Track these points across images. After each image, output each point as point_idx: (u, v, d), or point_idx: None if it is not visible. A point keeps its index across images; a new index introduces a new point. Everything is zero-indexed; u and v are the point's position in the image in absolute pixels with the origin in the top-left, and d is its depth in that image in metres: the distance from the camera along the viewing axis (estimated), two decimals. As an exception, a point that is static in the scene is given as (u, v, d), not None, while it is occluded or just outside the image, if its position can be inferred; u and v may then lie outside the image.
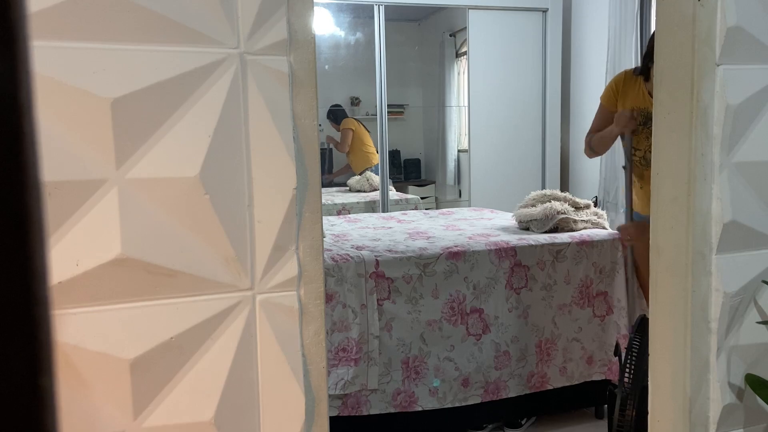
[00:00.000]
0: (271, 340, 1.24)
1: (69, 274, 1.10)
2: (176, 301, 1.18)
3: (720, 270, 1.52)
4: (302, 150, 1.25)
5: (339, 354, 2.39)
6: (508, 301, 2.60)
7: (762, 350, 1.59)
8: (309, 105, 1.25)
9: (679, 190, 1.52)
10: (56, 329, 1.07)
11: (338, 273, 2.39)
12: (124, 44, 1.11)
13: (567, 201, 2.99)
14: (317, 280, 1.28)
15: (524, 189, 3.36)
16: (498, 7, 4.57)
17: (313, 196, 1.27)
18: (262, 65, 1.20)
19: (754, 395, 1.56)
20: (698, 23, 1.46)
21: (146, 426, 1.18)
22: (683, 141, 1.51)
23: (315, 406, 1.30)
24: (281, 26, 1.20)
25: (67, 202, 1.09)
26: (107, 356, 1.14)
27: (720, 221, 1.51)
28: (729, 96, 1.48)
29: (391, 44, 4.42)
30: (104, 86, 1.09)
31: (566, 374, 2.72)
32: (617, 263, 2.76)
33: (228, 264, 1.20)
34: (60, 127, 1.07)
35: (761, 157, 1.53)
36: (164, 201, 1.14)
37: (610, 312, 2.76)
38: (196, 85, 1.15)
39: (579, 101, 4.66)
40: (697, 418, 1.56)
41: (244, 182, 1.20)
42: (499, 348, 2.61)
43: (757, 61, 1.50)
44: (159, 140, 1.13)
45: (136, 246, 1.13)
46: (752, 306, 1.57)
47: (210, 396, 1.21)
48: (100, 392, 1.14)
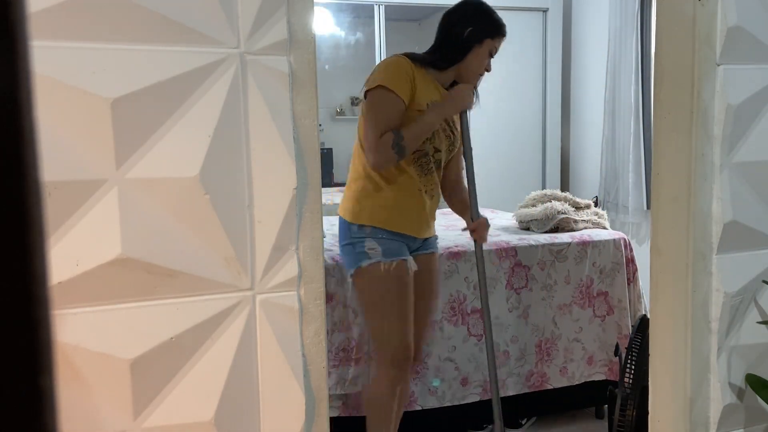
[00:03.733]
0: (271, 340, 1.24)
1: (69, 274, 1.10)
2: (176, 301, 1.18)
3: (720, 270, 1.52)
4: (302, 150, 1.25)
5: (339, 354, 2.39)
6: (508, 301, 2.60)
7: (762, 350, 1.59)
8: (309, 105, 1.25)
9: (680, 190, 1.52)
10: (56, 329, 1.07)
11: (338, 273, 2.39)
12: (124, 44, 1.11)
13: (567, 201, 2.99)
14: (317, 280, 1.28)
15: (524, 189, 3.36)
16: (498, 7, 4.55)
17: (313, 196, 1.27)
18: (262, 65, 1.20)
19: (754, 395, 1.56)
20: (698, 23, 1.46)
21: (146, 426, 1.18)
22: (683, 141, 1.51)
23: (315, 406, 1.30)
24: (281, 26, 1.20)
25: (67, 202, 1.09)
26: (107, 356, 1.14)
27: (720, 221, 1.51)
28: (729, 96, 1.48)
29: (391, 44, 4.42)
30: (104, 86, 1.09)
31: (567, 375, 2.72)
32: (618, 263, 2.76)
33: (228, 264, 1.20)
34: (60, 127, 1.07)
35: (761, 157, 1.53)
36: (164, 201, 1.14)
37: (611, 312, 2.76)
38: (196, 85, 1.15)
39: (579, 101, 4.67)
40: (698, 418, 1.56)
41: (244, 182, 1.20)
42: (499, 348, 2.61)
43: (758, 61, 1.50)
44: (159, 140, 1.13)
45: (136, 246, 1.13)
46: (752, 306, 1.57)
47: (210, 396, 1.21)
48: (100, 392, 1.14)
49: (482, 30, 2.08)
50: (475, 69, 2.10)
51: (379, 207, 2.03)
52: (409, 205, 2.05)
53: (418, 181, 2.05)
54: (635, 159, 3.82)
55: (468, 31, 2.06)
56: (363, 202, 2.04)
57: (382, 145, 1.91)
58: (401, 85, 1.94)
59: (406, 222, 2.05)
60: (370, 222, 2.02)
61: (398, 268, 2.02)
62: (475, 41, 2.07)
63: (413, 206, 2.06)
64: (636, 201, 3.86)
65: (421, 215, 2.08)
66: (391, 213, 2.03)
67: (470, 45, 2.07)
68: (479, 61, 2.09)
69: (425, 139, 2.01)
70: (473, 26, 2.07)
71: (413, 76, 1.98)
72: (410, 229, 2.06)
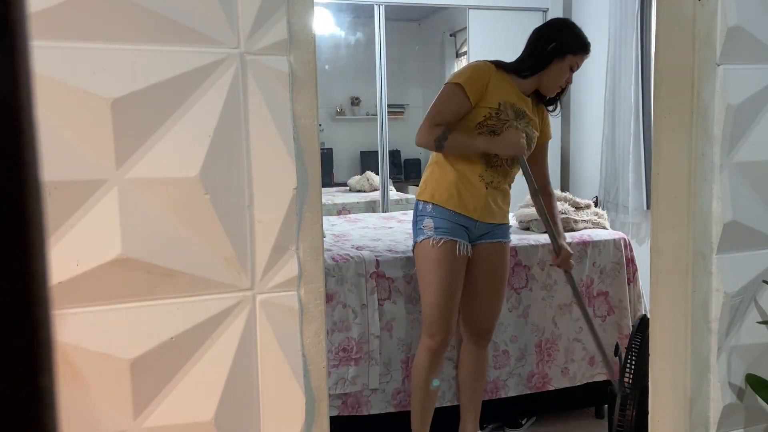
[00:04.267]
0: (271, 340, 1.24)
1: (69, 274, 1.10)
2: (176, 301, 1.18)
3: (720, 270, 1.52)
4: (302, 150, 1.25)
5: (339, 354, 2.39)
6: (508, 301, 2.60)
7: (762, 350, 1.59)
8: (309, 105, 1.25)
9: (680, 190, 1.52)
10: (56, 329, 1.07)
11: (338, 273, 2.39)
12: (124, 44, 1.11)
13: (567, 201, 2.98)
14: (317, 280, 1.28)
15: (524, 189, 3.35)
16: (498, 7, 4.57)
17: (313, 196, 1.27)
18: (262, 65, 1.20)
19: (754, 395, 1.56)
20: (698, 23, 1.46)
21: (146, 426, 1.18)
22: (683, 141, 1.51)
23: (315, 406, 1.30)
24: (281, 26, 1.20)
25: (67, 202, 1.09)
26: (107, 356, 1.14)
27: (720, 221, 1.51)
28: (729, 96, 1.48)
29: (391, 44, 4.41)
30: (104, 86, 1.09)
31: (569, 375, 2.72)
32: (618, 263, 2.76)
33: (228, 264, 1.20)
34: (60, 127, 1.07)
35: (761, 157, 1.53)
36: (164, 201, 1.14)
37: (611, 312, 2.76)
38: (196, 85, 1.15)
39: (579, 101, 4.66)
40: (698, 418, 1.56)
41: (244, 182, 1.20)
42: (498, 347, 2.61)
43: (758, 60, 1.50)
44: (159, 140, 1.13)
45: (136, 246, 1.13)
46: (753, 306, 1.57)
47: (210, 396, 1.21)
48: (100, 392, 1.14)
49: (565, 45, 2.26)
50: (554, 81, 2.30)
51: (441, 188, 2.23)
52: (468, 188, 2.22)
53: (482, 170, 2.23)
54: (635, 159, 3.82)
55: (552, 46, 2.26)
56: (429, 183, 2.28)
57: (430, 132, 2.16)
58: (473, 86, 2.17)
59: (462, 202, 2.22)
60: (431, 199, 2.24)
61: (445, 247, 2.20)
62: (557, 55, 2.26)
63: (472, 190, 2.22)
64: (636, 201, 3.85)
65: (480, 200, 2.23)
66: (450, 193, 2.22)
67: (551, 58, 2.26)
68: (559, 74, 2.29)
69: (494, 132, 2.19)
70: (557, 41, 2.26)
71: (489, 80, 2.20)
72: (467, 210, 2.22)
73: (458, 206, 2.22)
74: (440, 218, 2.21)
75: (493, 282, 2.34)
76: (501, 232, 2.33)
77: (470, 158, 2.22)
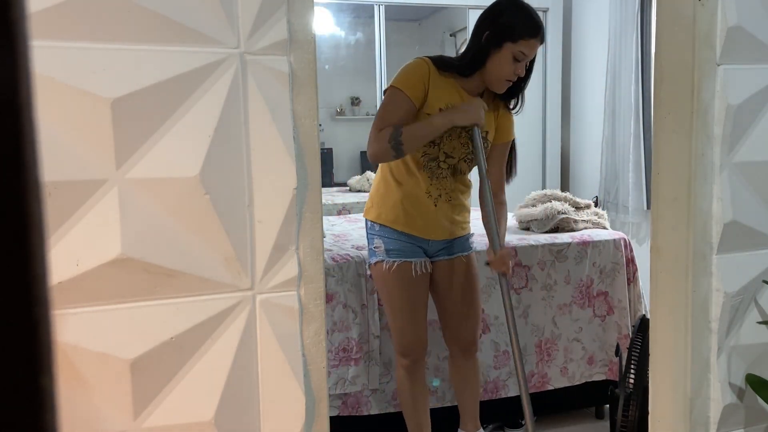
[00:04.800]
0: (271, 340, 1.24)
1: (69, 274, 1.10)
2: (176, 301, 1.18)
3: (720, 270, 1.52)
4: (302, 150, 1.25)
5: (339, 354, 2.39)
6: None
7: (762, 350, 1.59)
8: (309, 105, 1.25)
9: (680, 190, 1.52)
10: (56, 329, 1.07)
11: (338, 273, 2.39)
12: (124, 44, 1.11)
13: (567, 201, 2.99)
14: (317, 280, 1.28)
15: (524, 189, 3.36)
16: (498, 7, 4.57)
17: (313, 196, 1.27)
18: (262, 65, 1.20)
19: (754, 395, 1.56)
20: (698, 23, 1.46)
21: (146, 426, 1.18)
22: (683, 141, 1.51)
23: (315, 406, 1.30)
24: (281, 26, 1.20)
25: (67, 202, 1.09)
26: (107, 356, 1.14)
27: (720, 221, 1.51)
28: (729, 96, 1.48)
29: (391, 44, 4.42)
30: (104, 86, 1.09)
31: (567, 374, 2.72)
32: (618, 263, 2.76)
33: (228, 264, 1.20)
34: (60, 127, 1.07)
35: (762, 157, 1.53)
36: (164, 201, 1.14)
37: (611, 312, 2.76)
38: (197, 85, 1.15)
39: (579, 101, 4.66)
40: (698, 418, 1.56)
41: (244, 182, 1.20)
42: (499, 348, 2.61)
43: (758, 60, 1.50)
44: (159, 140, 1.13)
45: (136, 246, 1.13)
46: (753, 306, 1.57)
47: (210, 396, 1.21)
48: (100, 392, 1.14)
49: (501, 33, 1.93)
50: (497, 75, 1.97)
51: (387, 207, 2.07)
52: (415, 207, 2.05)
53: (427, 184, 2.04)
54: (635, 159, 3.82)
55: (485, 35, 1.95)
56: (375, 200, 2.12)
57: (379, 138, 1.91)
58: (412, 86, 1.95)
59: (410, 223, 2.06)
60: (378, 220, 2.09)
61: (400, 270, 2.06)
62: (493, 45, 1.94)
63: (419, 208, 2.05)
64: (636, 201, 3.86)
65: (429, 218, 2.06)
66: (397, 213, 2.06)
67: (488, 50, 1.95)
68: (500, 67, 1.96)
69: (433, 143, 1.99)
70: (491, 30, 1.94)
71: (428, 79, 1.96)
72: (416, 230, 2.06)
73: (406, 227, 2.04)
74: (390, 239, 2.05)
75: (462, 295, 2.16)
76: (459, 246, 2.14)
77: (412, 172, 2.02)
